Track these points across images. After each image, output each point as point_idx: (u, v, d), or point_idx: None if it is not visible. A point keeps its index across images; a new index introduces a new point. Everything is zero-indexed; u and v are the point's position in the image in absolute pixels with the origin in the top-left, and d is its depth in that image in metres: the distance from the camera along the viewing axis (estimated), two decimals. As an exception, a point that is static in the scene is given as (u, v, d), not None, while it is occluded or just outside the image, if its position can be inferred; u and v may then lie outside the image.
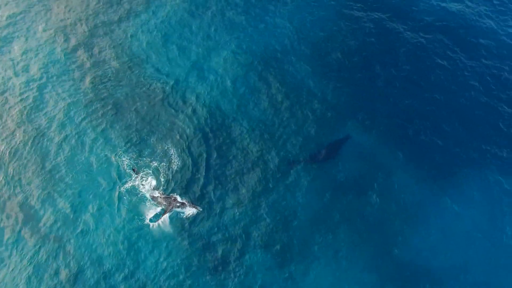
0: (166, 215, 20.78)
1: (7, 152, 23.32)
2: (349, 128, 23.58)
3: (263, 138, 23.37)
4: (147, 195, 21.48)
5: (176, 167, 22.46)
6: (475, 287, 18.97)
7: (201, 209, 21.03)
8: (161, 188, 21.81)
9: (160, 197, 21.22)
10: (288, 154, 22.80)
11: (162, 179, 22.05)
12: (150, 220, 20.84)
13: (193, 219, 20.85)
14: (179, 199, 21.14)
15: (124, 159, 22.74)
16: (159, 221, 20.75)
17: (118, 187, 21.82)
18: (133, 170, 22.02)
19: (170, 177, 22.14)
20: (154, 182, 21.94)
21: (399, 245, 20.06)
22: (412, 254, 19.80)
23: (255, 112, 24.37)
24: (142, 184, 21.83)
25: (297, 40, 27.33)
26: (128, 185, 21.89)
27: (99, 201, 21.49)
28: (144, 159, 22.77)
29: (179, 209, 20.86)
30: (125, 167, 22.45)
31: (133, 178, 22.00)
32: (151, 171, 22.34)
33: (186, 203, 20.97)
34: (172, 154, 22.88)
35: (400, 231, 20.37)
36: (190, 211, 20.87)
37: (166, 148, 23.13)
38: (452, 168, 22.01)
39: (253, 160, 22.65)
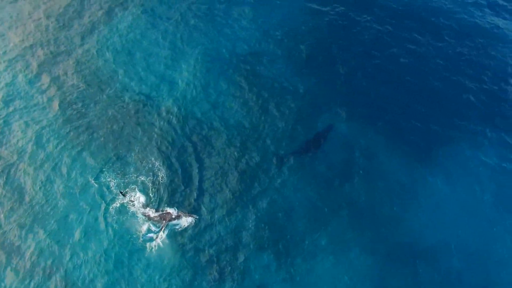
0: (162, 231, 20.21)
1: (-20, 189, 22.17)
2: (329, 119, 23.78)
3: (244, 141, 23.25)
4: (139, 213, 20.83)
5: (163, 179, 21.95)
6: (466, 256, 19.55)
7: (197, 217, 20.62)
8: (152, 203, 21.22)
9: (153, 214, 20.61)
10: (273, 153, 22.78)
11: (151, 194, 21.48)
12: (144, 239, 20.21)
13: (188, 230, 20.41)
14: (173, 211, 20.61)
15: (108, 179, 22.01)
16: (155, 238, 20.16)
17: (104, 209, 21.06)
18: (121, 193, 21.23)
19: (159, 190, 21.61)
20: (143, 199, 21.32)
21: (392, 226, 20.44)
22: (405, 233, 20.22)
23: (233, 116, 24.23)
24: (131, 201, 21.16)
25: (265, 40, 27.43)
26: (116, 205, 21.17)
27: (85, 226, 20.67)
28: (129, 176, 22.13)
29: (174, 222, 20.34)
30: (111, 187, 21.73)
31: (120, 198, 21.28)
32: (138, 187, 21.73)
33: (182, 214, 20.48)
34: (157, 167, 22.36)
35: (391, 212, 20.75)
36: (186, 221, 20.41)
37: (149, 162, 22.58)
38: (432, 146, 22.61)
39: (238, 163, 22.48)
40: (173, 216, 20.32)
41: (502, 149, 22.36)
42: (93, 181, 21.96)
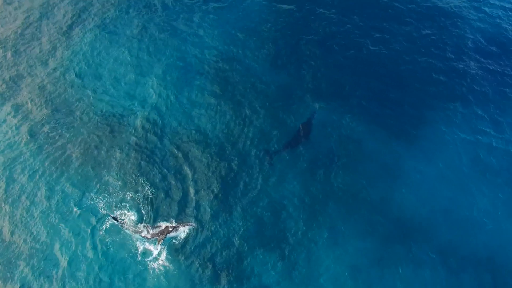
0: (159, 246, 19.41)
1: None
2: (306, 112, 24.02)
3: (226, 144, 23.05)
4: (132, 232, 19.98)
5: (152, 193, 21.38)
6: (454, 225, 20.40)
7: (194, 224, 20.20)
8: (145, 220, 20.50)
9: (149, 230, 19.83)
10: (256, 153, 22.69)
11: (142, 210, 20.81)
12: (142, 257, 19.46)
13: (187, 240, 19.97)
14: (170, 224, 19.96)
15: (93, 201, 21.17)
16: (154, 255, 19.44)
17: (94, 233, 20.22)
18: (114, 218, 20.32)
19: (150, 205, 21.03)
20: (134, 217, 20.54)
21: (382, 208, 20.95)
22: (395, 212, 20.79)
23: (211, 121, 23.97)
24: (122, 219, 20.28)
25: (232, 43, 27.39)
26: (107, 225, 20.36)
27: (77, 255, 19.73)
28: (115, 194, 21.37)
29: (172, 234, 19.72)
30: (99, 209, 20.91)
31: (110, 219, 20.32)
32: (127, 205, 20.96)
33: (179, 225, 19.92)
34: (142, 182, 21.72)
35: (379, 194, 21.28)
36: (183, 231, 19.91)
37: (133, 178, 21.94)
38: (408, 126, 23.40)
39: (223, 167, 22.23)
40: (170, 229, 19.72)
41: (474, 121, 23.48)
42: (76, 208, 21.05)
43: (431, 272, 19.15)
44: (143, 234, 19.81)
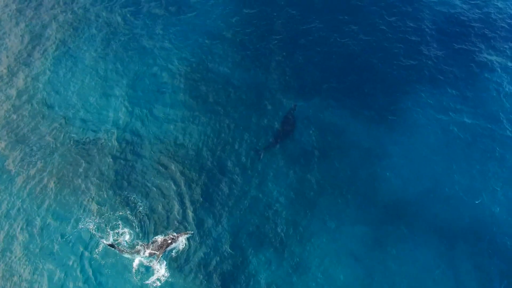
0: (159, 262, 19.06)
1: None
2: (287, 105, 24.46)
3: (212, 149, 23.02)
4: (129, 252, 19.45)
5: (142, 209, 20.96)
6: (441, 201, 21.34)
7: (192, 232, 20.00)
8: (141, 237, 20.04)
9: (147, 247, 19.39)
10: (243, 154, 22.80)
11: (136, 227, 20.34)
12: (143, 276, 18.96)
13: (184, 251, 19.74)
14: (168, 236, 19.63)
15: (84, 225, 20.46)
16: (155, 272, 19.01)
17: (88, 259, 19.50)
18: (111, 245, 19.63)
19: (144, 221, 20.61)
20: (128, 237, 19.94)
21: (371, 191, 21.66)
22: (387, 192, 21.55)
23: (194, 128, 23.81)
24: (118, 244, 19.73)
25: (200, 51, 27.28)
26: (99, 249, 19.72)
27: (75, 282, 18.90)
28: (106, 215, 20.77)
29: (172, 246, 19.45)
30: (91, 232, 20.25)
31: (107, 246, 19.67)
32: (121, 224, 20.44)
33: (177, 236, 19.63)
34: (132, 199, 21.27)
35: (369, 177, 22.00)
36: (182, 242, 19.65)
37: (122, 195, 21.42)
38: (387, 109, 24.31)
39: (211, 172, 22.19)
40: (169, 241, 19.41)
41: (446, 99, 24.66)
42: (63, 237, 20.28)
43: (424, 249, 19.98)
44: (141, 254, 19.34)
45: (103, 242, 19.64)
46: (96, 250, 19.67)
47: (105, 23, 29.14)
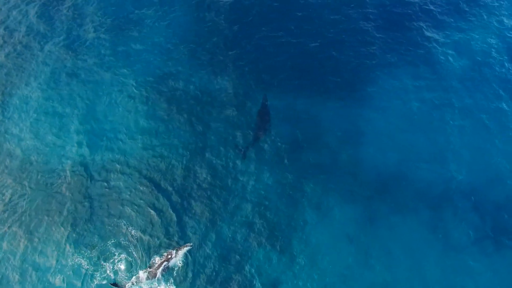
0: (162, 282, 18.92)
1: None
2: (260, 101, 24.68)
3: (193, 159, 22.93)
4: (131, 285, 19.16)
5: (135, 231, 20.65)
6: (423, 168, 22.43)
7: (191, 244, 19.94)
8: (140, 263, 19.74)
9: (148, 273, 19.18)
10: (228, 156, 22.93)
11: (133, 252, 20.02)
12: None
13: (186, 265, 19.69)
14: (167, 254, 19.48)
15: (76, 261, 19.88)
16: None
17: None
18: (115, 284, 19.13)
19: (138, 243, 20.32)
20: (125, 264, 19.65)
21: (357, 170, 22.42)
22: (370, 169, 22.40)
23: (174, 140, 23.60)
24: (114, 269, 19.43)
25: (165, 62, 26.64)
26: (97, 283, 19.21)
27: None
28: (99, 246, 20.29)
29: (172, 262, 19.32)
30: (83, 267, 19.71)
31: (101, 273, 19.25)
32: (116, 252, 20.06)
33: (176, 251, 19.51)
34: (123, 224, 20.87)
35: (351, 158, 22.71)
36: (182, 255, 19.56)
37: (112, 223, 20.98)
38: (359, 90, 25.09)
39: (198, 180, 22.18)
40: (169, 256, 19.28)
41: (410, 70, 25.68)
42: (56, 277, 19.51)
43: (413, 216, 20.95)
44: (144, 279, 19.05)
45: (112, 285, 19.20)
46: (93, 285, 19.23)
47: (53, 57, 27.49)
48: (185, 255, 19.69)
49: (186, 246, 19.72)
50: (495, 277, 19.62)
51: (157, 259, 19.51)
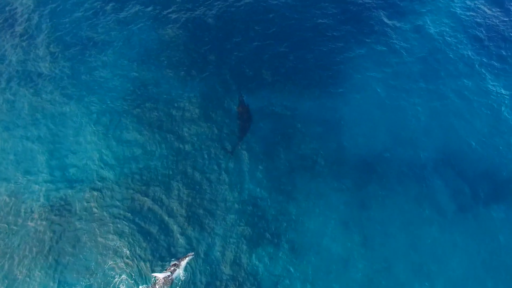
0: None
1: None
2: (237, 101, 24.90)
3: (180, 168, 22.71)
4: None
5: (132, 251, 20.11)
6: (405, 144, 23.54)
7: (193, 253, 19.79)
8: (142, 282, 19.20)
9: None
10: (216, 155, 23.00)
11: (132, 274, 19.43)
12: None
13: (189, 275, 19.50)
14: (168, 268, 19.19)
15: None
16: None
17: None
18: None
19: (138, 262, 19.80)
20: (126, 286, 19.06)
21: (342, 157, 23.09)
22: (355, 156, 23.11)
23: (157, 154, 23.23)
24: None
25: (138, 77, 26.17)
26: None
27: None
28: (96, 274, 19.56)
29: (175, 275, 19.01)
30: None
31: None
32: (114, 275, 19.43)
33: (178, 263, 19.28)
34: (118, 245, 20.26)
35: (335, 143, 23.45)
36: (184, 266, 19.35)
37: (108, 245, 20.31)
38: (331, 80, 25.79)
39: (190, 185, 22.11)
40: (172, 268, 19.04)
41: (376, 57, 26.68)
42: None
43: (402, 192, 21.91)
44: None
45: None
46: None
47: (12, 93, 26.09)
48: (187, 265, 19.47)
49: (188, 256, 19.52)
50: (481, 237, 20.91)
51: (159, 275, 19.08)
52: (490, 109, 24.55)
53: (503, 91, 25.26)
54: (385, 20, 28.34)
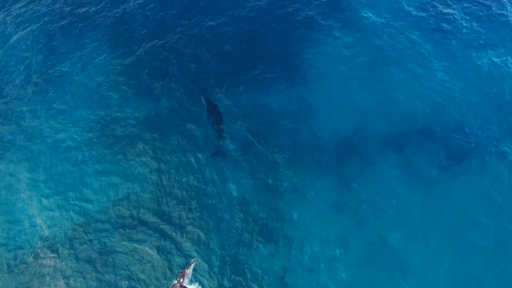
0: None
1: None
2: (210, 108, 24.74)
3: (166, 179, 22.61)
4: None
5: (130, 280, 19.73)
6: (372, 118, 24.24)
7: (195, 259, 19.83)
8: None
9: None
10: (197, 170, 22.85)
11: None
12: None
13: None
14: (180, 276, 18.96)
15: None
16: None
17: None
18: None
19: (146, 282, 19.60)
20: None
21: (319, 140, 23.57)
22: (330, 135, 23.74)
23: (141, 170, 22.99)
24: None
25: (92, 109, 25.46)
26: None
27: None
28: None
29: (186, 282, 18.87)
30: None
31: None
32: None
33: (184, 270, 19.15)
34: (114, 279, 19.72)
35: (310, 130, 23.82)
36: (191, 271, 19.30)
37: (105, 280, 19.72)
38: (296, 73, 26.20)
39: (178, 198, 22.03)
40: (181, 279, 18.84)
41: (337, 42, 27.31)
42: None
43: (384, 165, 22.62)
44: None
45: None
46: None
47: None
48: (192, 276, 19.37)
49: (192, 263, 19.49)
50: (466, 194, 21.92)
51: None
52: (447, 73, 25.81)
53: (457, 54, 26.73)
54: (344, 4, 29.10)
